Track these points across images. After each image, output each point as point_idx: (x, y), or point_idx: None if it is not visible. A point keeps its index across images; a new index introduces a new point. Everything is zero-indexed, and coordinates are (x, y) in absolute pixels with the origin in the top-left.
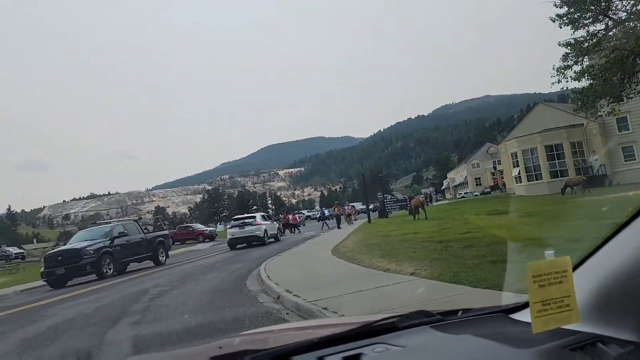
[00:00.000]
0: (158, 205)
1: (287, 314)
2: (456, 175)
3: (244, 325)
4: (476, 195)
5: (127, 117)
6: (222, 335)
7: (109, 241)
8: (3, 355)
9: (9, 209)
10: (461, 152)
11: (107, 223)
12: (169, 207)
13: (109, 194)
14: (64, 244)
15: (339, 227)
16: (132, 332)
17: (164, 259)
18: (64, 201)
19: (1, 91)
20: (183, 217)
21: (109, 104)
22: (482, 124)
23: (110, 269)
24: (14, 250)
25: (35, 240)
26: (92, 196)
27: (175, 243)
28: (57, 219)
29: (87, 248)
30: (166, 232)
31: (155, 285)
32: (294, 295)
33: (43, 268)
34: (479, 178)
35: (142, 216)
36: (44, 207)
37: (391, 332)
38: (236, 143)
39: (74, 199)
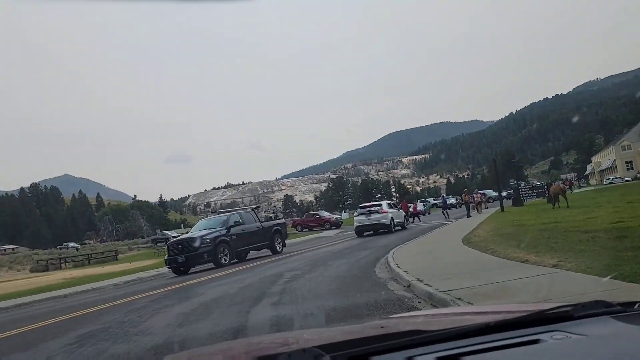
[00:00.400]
0: (287, 194)
1: (419, 302)
2: (602, 159)
3: (377, 311)
4: (627, 180)
5: (257, 110)
6: (356, 320)
7: (225, 230)
8: (165, 327)
9: (160, 198)
10: (608, 134)
11: (227, 212)
12: (296, 195)
13: (243, 183)
14: (186, 232)
15: (468, 216)
16: (273, 312)
17: (281, 247)
18: (205, 190)
19: (151, 96)
20: (309, 205)
21: (241, 99)
22: (634, 101)
23: (226, 257)
24: (171, 233)
25: (182, 225)
26: (229, 185)
27: (304, 230)
28: (200, 206)
29: (204, 237)
30: (283, 220)
31: (288, 270)
32: (425, 284)
33: (167, 255)
34: (631, 162)
35: (273, 204)
36: (189, 195)
37: (565, 321)
38: (359, 131)
39: (214, 188)
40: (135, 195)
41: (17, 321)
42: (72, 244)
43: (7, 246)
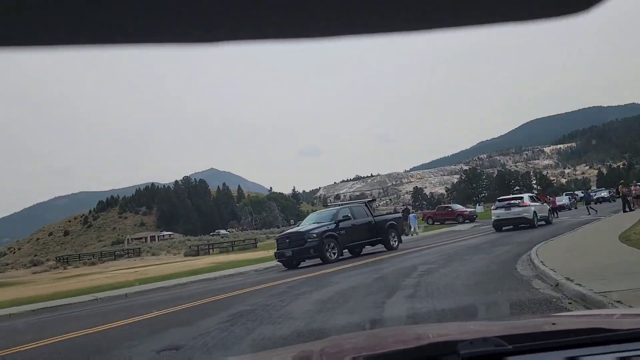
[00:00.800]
0: (416, 186)
1: (570, 303)
2: None
3: (522, 310)
4: None
5: (384, 102)
6: (501, 318)
7: (334, 224)
8: (305, 312)
9: (293, 190)
10: None
11: (339, 205)
12: (426, 187)
13: (372, 175)
14: (297, 225)
15: (624, 211)
16: (408, 304)
17: (396, 243)
18: (334, 182)
19: (284, 94)
20: (440, 197)
21: (368, 92)
22: None
23: (334, 252)
24: None
25: None
26: (357, 178)
27: (435, 223)
28: (330, 198)
29: (311, 231)
30: (398, 215)
31: (422, 263)
32: (576, 284)
33: (276, 249)
34: None
35: (401, 196)
36: (319, 187)
37: None
38: (495, 119)
39: (343, 181)
40: (271, 187)
41: (177, 299)
42: (222, 231)
43: (165, 232)
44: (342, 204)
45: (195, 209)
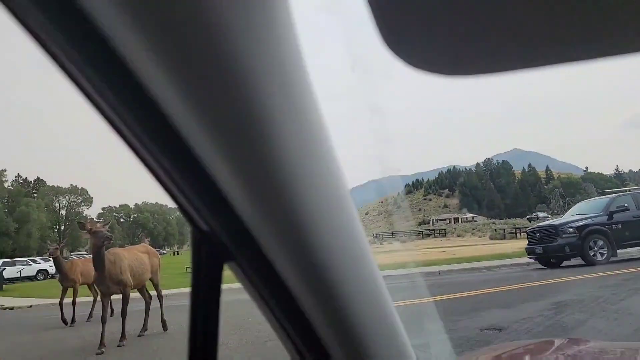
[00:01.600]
0: None
1: None
2: None
3: None
4: None
5: None
6: None
7: (605, 217)
8: None
9: (616, 169)
10: None
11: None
12: None
13: None
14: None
15: None
16: None
17: None
18: None
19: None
20: None
21: None
22: None
23: (602, 252)
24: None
25: None
26: None
27: None
28: None
29: (567, 225)
30: None
31: None
32: None
33: (527, 243)
34: None
35: None
36: None
37: None
38: None
39: None
40: (586, 167)
41: (489, 281)
42: (541, 214)
43: (468, 214)
44: (621, 192)
45: (498, 192)
